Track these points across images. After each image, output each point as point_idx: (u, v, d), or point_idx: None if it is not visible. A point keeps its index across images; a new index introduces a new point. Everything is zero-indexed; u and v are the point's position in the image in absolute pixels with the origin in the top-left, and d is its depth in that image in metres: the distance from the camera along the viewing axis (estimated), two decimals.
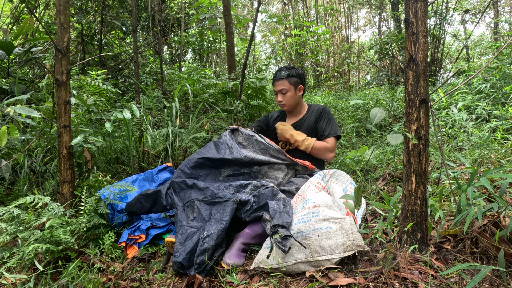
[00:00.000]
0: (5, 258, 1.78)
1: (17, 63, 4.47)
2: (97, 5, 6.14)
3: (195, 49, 7.85)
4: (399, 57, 6.77)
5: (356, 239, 1.44)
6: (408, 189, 1.42)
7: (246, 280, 1.52)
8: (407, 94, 1.41)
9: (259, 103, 4.35)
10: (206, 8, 6.43)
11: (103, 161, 3.03)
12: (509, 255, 1.29)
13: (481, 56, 10.69)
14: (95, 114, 3.27)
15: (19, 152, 2.71)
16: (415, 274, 1.30)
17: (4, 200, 2.64)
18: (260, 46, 12.23)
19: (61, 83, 2.10)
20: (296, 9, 9.45)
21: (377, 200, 2.15)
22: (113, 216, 2.22)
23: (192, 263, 1.61)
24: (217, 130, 4.03)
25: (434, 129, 1.74)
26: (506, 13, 11.51)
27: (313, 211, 1.57)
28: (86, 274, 1.71)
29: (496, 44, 5.67)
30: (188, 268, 1.61)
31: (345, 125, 4.08)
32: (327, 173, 2.00)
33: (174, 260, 1.63)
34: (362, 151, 2.58)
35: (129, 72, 6.27)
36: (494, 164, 2.28)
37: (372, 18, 13.61)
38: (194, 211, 1.83)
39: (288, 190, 1.98)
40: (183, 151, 3.28)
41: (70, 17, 2.45)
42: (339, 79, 8.58)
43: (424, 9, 1.38)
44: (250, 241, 1.80)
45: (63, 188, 2.11)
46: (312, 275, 1.44)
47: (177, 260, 1.61)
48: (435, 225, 1.66)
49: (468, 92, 3.97)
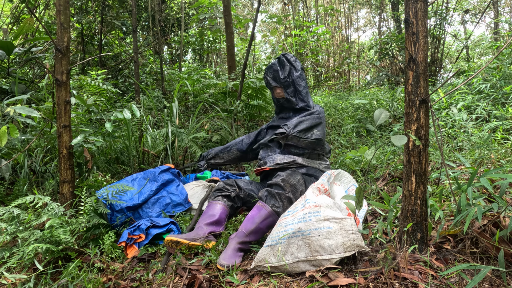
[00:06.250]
0: (5, 258, 1.78)
1: (17, 63, 4.47)
2: (97, 5, 6.14)
3: (195, 49, 7.85)
4: (399, 57, 6.77)
5: (356, 240, 1.44)
6: (408, 189, 1.42)
7: (246, 280, 1.52)
8: (407, 94, 1.41)
9: (259, 103, 4.35)
10: (206, 8, 6.43)
11: (103, 161, 3.03)
12: (509, 255, 1.29)
13: (481, 56, 10.69)
14: (95, 114, 3.27)
15: (19, 152, 2.71)
16: (415, 274, 1.30)
17: (4, 200, 2.64)
18: (260, 46, 12.24)
19: (61, 83, 2.10)
20: (296, 9, 9.45)
21: (377, 200, 2.15)
22: (112, 216, 2.22)
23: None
24: (217, 130, 4.03)
25: (434, 129, 1.74)
26: (506, 13, 11.52)
27: (313, 211, 1.57)
28: (86, 274, 1.71)
29: (496, 44, 5.67)
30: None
31: (345, 125, 4.08)
32: (332, 174, 2.01)
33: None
34: (362, 151, 2.58)
35: (129, 72, 6.27)
36: (494, 164, 2.28)
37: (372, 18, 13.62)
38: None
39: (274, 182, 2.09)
40: (183, 151, 3.28)
41: (70, 17, 2.45)
42: (339, 79, 8.58)
43: (424, 9, 1.38)
44: (245, 239, 1.81)
45: (63, 188, 2.11)
46: (312, 275, 1.44)
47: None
48: (435, 225, 1.66)
49: (468, 92, 3.97)
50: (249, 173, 3.20)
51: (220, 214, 2.12)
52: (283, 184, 2.04)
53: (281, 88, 2.42)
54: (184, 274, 1.66)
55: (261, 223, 1.88)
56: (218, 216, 2.10)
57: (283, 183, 2.04)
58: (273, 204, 1.96)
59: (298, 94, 2.42)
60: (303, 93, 2.42)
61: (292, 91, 2.41)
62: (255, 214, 1.91)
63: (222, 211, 2.15)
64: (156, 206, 2.36)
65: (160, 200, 2.39)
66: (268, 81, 2.47)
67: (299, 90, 2.41)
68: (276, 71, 2.41)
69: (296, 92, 2.42)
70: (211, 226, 2.05)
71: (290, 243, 1.53)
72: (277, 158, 2.29)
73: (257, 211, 1.93)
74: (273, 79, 2.43)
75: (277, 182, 2.05)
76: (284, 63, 2.43)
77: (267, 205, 1.95)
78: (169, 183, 2.48)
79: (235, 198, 2.28)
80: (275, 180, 2.08)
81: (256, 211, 1.93)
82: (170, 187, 2.47)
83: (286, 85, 2.40)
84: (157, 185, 2.42)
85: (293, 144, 2.32)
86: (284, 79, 2.39)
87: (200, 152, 3.17)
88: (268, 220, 1.91)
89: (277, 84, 2.42)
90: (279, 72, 2.41)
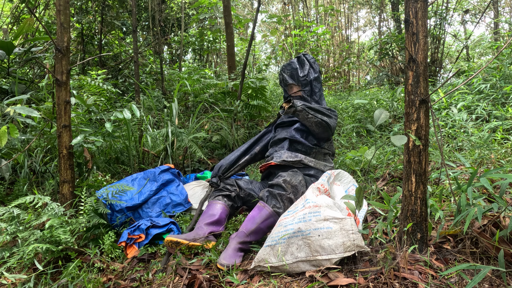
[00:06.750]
0: (5, 258, 1.78)
1: (17, 63, 4.47)
2: (97, 5, 6.14)
3: (195, 49, 7.85)
4: (399, 57, 6.76)
5: (356, 240, 1.44)
6: (408, 189, 1.42)
7: (246, 280, 1.52)
8: (407, 94, 1.41)
9: (259, 103, 4.34)
10: (206, 8, 6.43)
11: (103, 161, 3.03)
12: (509, 255, 1.29)
13: (481, 56, 10.69)
14: (95, 114, 3.27)
15: (19, 152, 2.71)
16: (415, 274, 1.30)
17: (4, 200, 2.64)
18: (260, 46, 12.23)
19: (61, 83, 2.10)
20: (296, 9, 9.45)
21: (377, 200, 2.15)
22: (112, 216, 2.22)
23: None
24: (217, 130, 4.03)
25: (434, 129, 1.74)
26: (506, 13, 11.51)
27: (313, 211, 1.57)
28: (86, 274, 1.71)
29: (496, 44, 5.67)
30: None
31: (345, 125, 4.08)
32: (332, 174, 2.01)
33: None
34: (362, 151, 2.58)
35: (129, 72, 6.27)
36: (494, 164, 2.28)
37: (372, 18, 13.61)
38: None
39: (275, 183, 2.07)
40: (183, 151, 3.28)
41: (70, 17, 2.45)
42: (339, 79, 8.58)
43: (424, 9, 1.38)
44: (245, 239, 1.81)
45: (63, 188, 2.11)
46: (312, 275, 1.44)
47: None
48: (435, 225, 1.66)
49: (468, 92, 3.97)
50: (249, 173, 3.21)
51: (220, 214, 2.12)
52: (284, 185, 2.03)
53: (298, 86, 2.42)
54: (184, 274, 1.66)
55: (262, 223, 1.88)
56: (218, 216, 2.10)
57: (284, 184, 2.04)
58: (274, 204, 1.96)
59: (313, 95, 2.43)
60: (318, 95, 2.44)
61: (309, 91, 2.42)
62: (256, 214, 1.91)
63: (222, 211, 2.14)
64: (156, 206, 2.36)
65: (160, 200, 2.39)
66: (284, 78, 2.46)
67: (315, 91, 2.43)
68: (295, 69, 2.42)
69: (312, 93, 2.43)
70: (211, 226, 2.05)
71: (290, 243, 1.53)
72: (284, 154, 2.28)
73: (258, 211, 1.93)
74: (290, 77, 2.44)
75: (279, 182, 2.05)
76: (304, 62, 2.44)
77: (268, 205, 1.95)
78: (169, 183, 2.49)
79: (235, 197, 2.28)
80: (277, 180, 2.07)
81: (257, 211, 1.93)
82: (170, 187, 2.47)
83: (304, 84, 2.41)
84: (157, 185, 2.42)
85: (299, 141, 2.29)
86: (303, 78, 2.40)
87: (200, 152, 3.17)
88: (269, 221, 1.90)
89: (294, 82, 2.42)
90: (298, 70, 2.41)
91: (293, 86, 2.44)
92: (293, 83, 2.43)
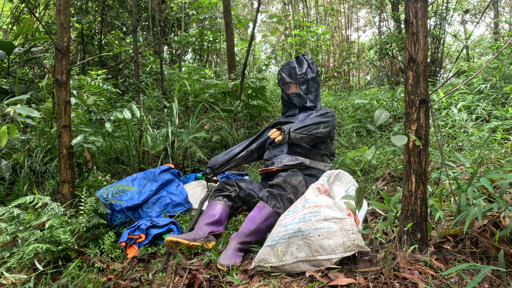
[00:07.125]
0: (5, 258, 1.78)
1: (17, 63, 4.47)
2: (97, 5, 6.14)
3: (195, 49, 7.85)
4: (399, 57, 6.76)
5: (356, 240, 1.44)
6: (408, 189, 1.42)
7: (246, 280, 1.52)
8: (407, 94, 1.41)
9: (259, 103, 4.34)
10: (206, 8, 6.42)
11: (103, 161, 3.03)
12: (509, 255, 1.29)
13: (481, 56, 10.69)
14: (95, 114, 3.27)
15: (19, 152, 2.71)
16: (415, 274, 1.30)
17: (4, 200, 2.64)
18: (260, 46, 12.23)
19: (61, 83, 2.10)
20: (296, 9, 9.45)
21: (377, 200, 2.15)
22: (112, 216, 2.22)
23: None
24: (217, 130, 4.03)
25: (434, 129, 1.74)
26: (506, 13, 11.51)
27: (313, 211, 1.57)
28: (86, 274, 1.71)
29: (496, 44, 5.67)
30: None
31: (345, 125, 4.08)
32: (332, 174, 2.01)
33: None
34: (362, 151, 2.58)
35: (129, 72, 6.27)
36: (494, 164, 2.28)
37: (372, 18, 13.62)
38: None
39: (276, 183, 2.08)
40: (183, 151, 3.29)
41: (70, 17, 2.45)
42: (339, 79, 8.58)
43: (424, 9, 1.38)
44: (245, 239, 1.82)
45: (63, 188, 2.11)
46: (312, 275, 1.44)
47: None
48: (435, 225, 1.66)
49: (468, 92, 3.97)
50: (249, 173, 3.20)
51: (220, 214, 2.12)
52: (284, 185, 2.04)
53: (295, 84, 2.47)
54: (184, 274, 1.66)
55: (262, 223, 1.89)
56: (218, 216, 2.10)
57: (284, 184, 2.04)
58: (274, 204, 1.96)
59: (309, 93, 2.49)
60: (313, 95, 2.50)
61: (305, 88, 2.47)
62: (256, 215, 1.91)
63: (222, 211, 2.14)
64: (156, 206, 2.36)
65: (160, 200, 2.39)
66: (282, 78, 2.51)
67: (311, 90, 2.49)
68: (293, 67, 2.47)
69: (308, 91, 2.48)
70: (211, 226, 2.05)
71: (290, 243, 1.53)
72: (285, 159, 2.30)
73: (258, 211, 1.93)
74: (289, 75, 2.48)
75: (279, 183, 2.05)
76: (302, 62, 2.50)
77: (268, 205, 1.95)
78: (169, 183, 2.49)
79: (235, 198, 2.28)
80: (277, 180, 2.08)
81: (257, 212, 1.93)
82: (170, 187, 2.47)
83: (301, 82, 2.46)
84: (157, 185, 2.42)
85: (298, 145, 2.35)
86: (301, 76, 2.45)
87: (200, 152, 3.17)
88: (268, 221, 1.91)
89: (292, 80, 2.47)
90: (296, 68, 2.47)
91: (290, 84, 2.47)
92: (291, 81, 2.46)
